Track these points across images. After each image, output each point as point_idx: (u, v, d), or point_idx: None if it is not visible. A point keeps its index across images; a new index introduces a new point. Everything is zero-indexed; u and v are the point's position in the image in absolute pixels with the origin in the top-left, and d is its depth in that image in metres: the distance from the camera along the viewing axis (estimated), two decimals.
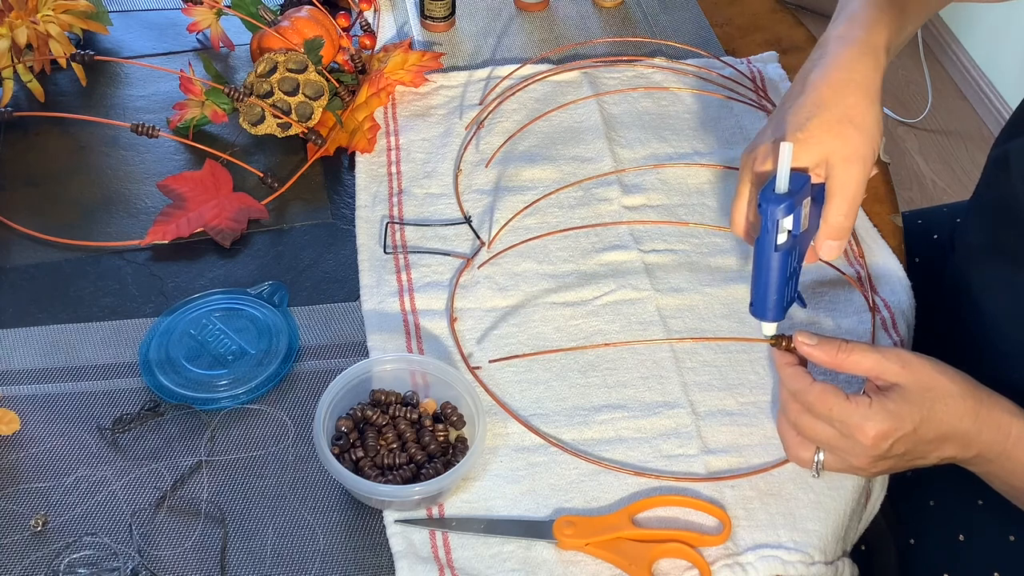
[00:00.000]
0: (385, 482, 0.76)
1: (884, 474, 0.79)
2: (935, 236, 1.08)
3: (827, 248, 0.78)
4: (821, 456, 0.74)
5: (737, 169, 1.01)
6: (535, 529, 0.75)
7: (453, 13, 1.20)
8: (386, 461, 0.77)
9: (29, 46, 1.06)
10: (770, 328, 0.77)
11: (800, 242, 0.76)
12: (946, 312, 0.95)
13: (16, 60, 1.06)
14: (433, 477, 0.75)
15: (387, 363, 0.82)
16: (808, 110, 0.77)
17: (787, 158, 0.73)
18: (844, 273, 0.92)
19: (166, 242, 0.95)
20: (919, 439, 0.72)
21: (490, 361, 0.86)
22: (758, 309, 0.76)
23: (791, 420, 0.75)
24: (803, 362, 0.75)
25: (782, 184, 0.73)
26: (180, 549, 0.74)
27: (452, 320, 0.89)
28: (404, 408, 0.80)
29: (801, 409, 0.73)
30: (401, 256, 0.94)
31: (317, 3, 1.12)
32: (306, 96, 1.03)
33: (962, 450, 0.74)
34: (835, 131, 0.76)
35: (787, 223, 0.74)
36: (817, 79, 0.79)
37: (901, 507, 0.95)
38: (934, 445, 0.73)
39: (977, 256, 0.93)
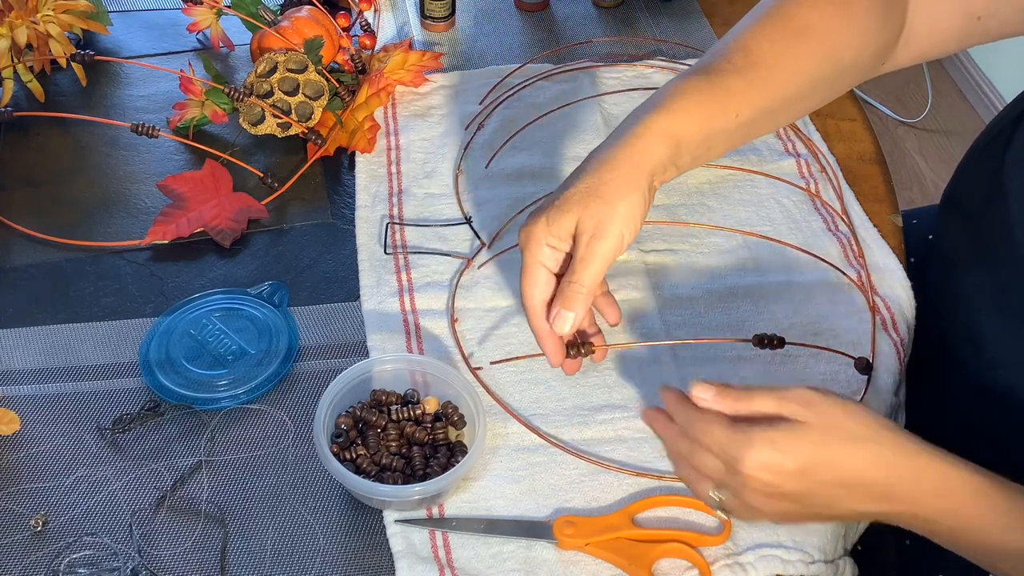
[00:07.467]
0: (385, 482, 0.76)
1: (793, 522, 0.74)
2: (930, 236, 1.08)
3: (560, 319, 0.75)
4: (719, 495, 0.69)
5: (737, 169, 1.02)
6: (535, 529, 0.75)
7: (453, 13, 1.20)
8: (386, 461, 0.77)
9: (29, 46, 1.06)
10: None
11: None
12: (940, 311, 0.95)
13: (16, 60, 1.06)
14: (433, 477, 0.75)
15: (387, 363, 0.82)
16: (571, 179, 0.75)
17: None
18: (844, 273, 0.92)
19: (166, 242, 0.95)
20: (814, 480, 0.65)
21: (491, 363, 0.86)
22: None
23: (684, 454, 0.69)
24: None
25: None
26: (180, 549, 0.74)
27: (453, 320, 0.89)
28: (404, 408, 0.80)
29: (691, 443, 0.68)
30: (401, 256, 0.94)
31: (317, 3, 1.12)
32: (306, 96, 1.03)
33: (880, 503, 0.66)
34: (584, 202, 0.73)
35: None
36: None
37: None
38: (839, 491, 0.66)
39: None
